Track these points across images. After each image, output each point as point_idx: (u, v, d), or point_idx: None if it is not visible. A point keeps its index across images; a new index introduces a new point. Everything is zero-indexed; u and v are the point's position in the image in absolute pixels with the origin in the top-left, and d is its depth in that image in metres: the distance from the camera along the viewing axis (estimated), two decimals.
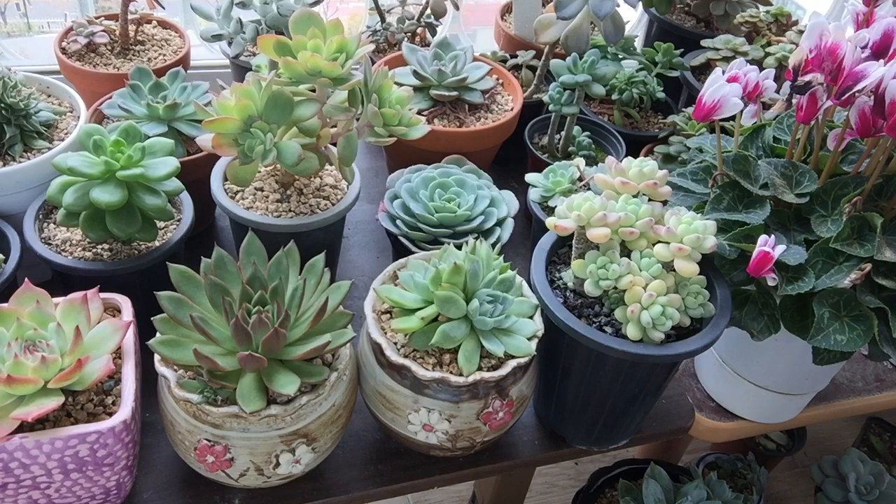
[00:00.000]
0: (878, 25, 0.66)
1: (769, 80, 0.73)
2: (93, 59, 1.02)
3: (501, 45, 1.26)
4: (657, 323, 0.64)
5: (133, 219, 0.73)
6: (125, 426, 0.59)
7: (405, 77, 1.00)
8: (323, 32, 0.72)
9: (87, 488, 0.61)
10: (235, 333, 0.59)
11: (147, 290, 0.63)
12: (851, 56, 0.64)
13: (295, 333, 0.63)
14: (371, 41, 1.16)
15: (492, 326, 0.65)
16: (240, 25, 1.06)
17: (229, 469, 0.64)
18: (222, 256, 0.64)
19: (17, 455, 0.57)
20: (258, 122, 0.71)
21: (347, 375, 0.67)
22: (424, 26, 1.20)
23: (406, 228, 0.82)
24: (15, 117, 0.81)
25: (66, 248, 0.75)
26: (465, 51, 1.04)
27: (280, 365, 0.62)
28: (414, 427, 0.68)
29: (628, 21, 1.15)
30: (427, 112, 1.00)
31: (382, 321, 0.68)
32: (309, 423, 0.63)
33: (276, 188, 0.82)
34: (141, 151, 0.72)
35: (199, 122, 0.83)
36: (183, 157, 0.83)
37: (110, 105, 0.87)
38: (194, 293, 0.63)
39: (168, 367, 0.62)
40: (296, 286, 0.64)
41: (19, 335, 0.59)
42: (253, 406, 0.60)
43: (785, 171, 0.72)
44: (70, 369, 0.57)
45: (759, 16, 1.24)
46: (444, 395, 0.65)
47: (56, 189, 0.72)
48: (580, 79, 0.98)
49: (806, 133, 0.73)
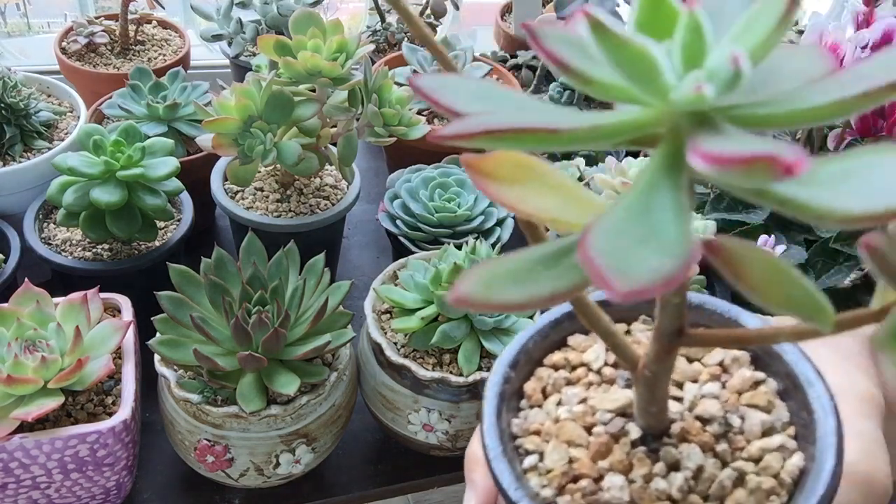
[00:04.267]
0: (878, 25, 0.66)
1: None
2: (93, 59, 1.02)
3: (501, 45, 1.26)
4: None
5: (133, 219, 0.73)
6: (125, 426, 0.59)
7: (405, 77, 1.00)
8: (323, 32, 0.72)
9: (87, 488, 0.61)
10: (235, 333, 0.59)
11: (147, 290, 0.63)
12: (851, 56, 0.64)
13: (295, 333, 0.63)
14: (371, 41, 1.16)
15: (492, 326, 0.65)
16: (240, 25, 1.06)
17: (229, 469, 0.64)
18: (222, 256, 0.64)
19: (17, 455, 0.57)
20: (258, 122, 0.71)
21: (347, 375, 0.67)
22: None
23: (406, 228, 0.82)
24: (15, 117, 0.81)
25: (66, 248, 0.75)
26: (465, 51, 1.04)
27: (280, 365, 0.62)
28: (414, 427, 0.68)
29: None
30: (427, 112, 1.00)
31: (382, 321, 0.68)
32: (309, 423, 0.63)
33: (276, 188, 0.82)
34: (141, 151, 0.72)
35: (199, 122, 0.83)
36: (183, 157, 0.83)
37: (110, 105, 0.87)
38: (194, 293, 0.63)
39: (168, 367, 0.62)
40: (296, 286, 0.64)
41: (19, 335, 0.59)
42: (253, 406, 0.60)
43: None
44: (70, 369, 0.57)
45: None
46: (444, 395, 0.65)
47: (56, 189, 0.72)
48: None
49: (806, 133, 0.73)
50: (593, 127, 0.20)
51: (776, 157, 0.17)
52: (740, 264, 0.21)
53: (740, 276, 0.21)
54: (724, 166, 0.18)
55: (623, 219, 0.20)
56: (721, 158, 0.18)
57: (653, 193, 0.20)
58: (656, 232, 0.19)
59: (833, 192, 0.19)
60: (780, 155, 0.17)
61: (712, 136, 0.20)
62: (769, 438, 0.31)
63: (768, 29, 0.20)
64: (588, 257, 0.18)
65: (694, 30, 0.20)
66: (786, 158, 0.17)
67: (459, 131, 0.19)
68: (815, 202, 0.19)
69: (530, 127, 0.19)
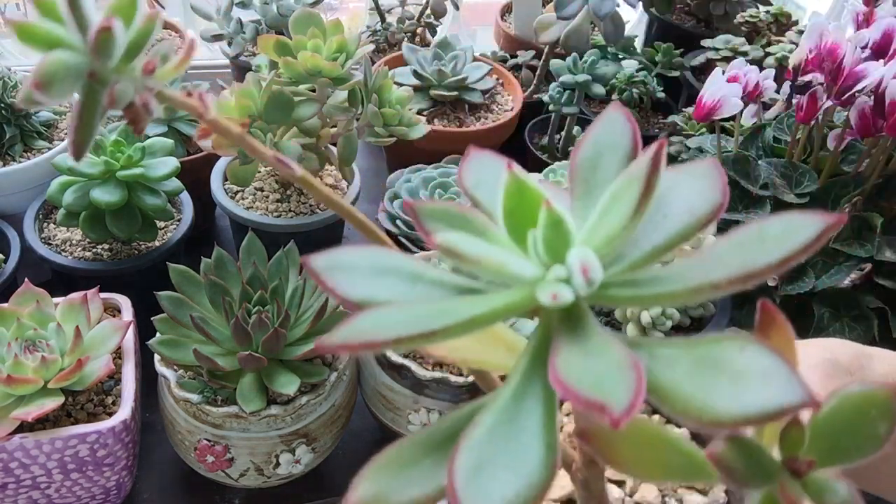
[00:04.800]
0: (878, 25, 0.66)
1: (769, 80, 0.73)
2: None
3: (501, 45, 1.26)
4: (657, 323, 0.64)
5: (133, 219, 0.73)
6: (125, 426, 0.59)
7: (405, 77, 1.00)
8: (323, 32, 0.72)
9: (87, 488, 0.61)
10: (235, 333, 0.59)
11: (147, 290, 0.63)
12: (851, 56, 0.64)
13: (295, 333, 0.63)
14: (371, 41, 1.16)
15: None
16: (240, 25, 1.06)
17: (229, 469, 0.64)
18: (222, 256, 0.64)
19: (17, 455, 0.57)
20: (258, 122, 0.71)
21: (347, 375, 0.67)
22: (424, 26, 1.20)
23: (406, 228, 0.82)
24: (15, 117, 0.81)
25: (66, 248, 0.75)
26: (465, 51, 1.04)
27: (280, 365, 0.62)
28: (414, 427, 0.68)
29: (628, 21, 1.15)
30: (427, 112, 1.00)
31: None
32: (309, 423, 0.63)
33: (276, 188, 0.82)
34: (141, 151, 0.72)
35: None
36: (183, 157, 0.83)
37: None
38: (194, 293, 0.63)
39: (168, 367, 0.62)
40: (296, 286, 0.64)
41: (19, 335, 0.59)
42: (253, 406, 0.60)
43: (785, 171, 0.72)
44: (70, 369, 0.57)
45: (759, 16, 1.24)
46: (444, 395, 0.65)
47: (56, 189, 0.72)
48: (580, 79, 0.98)
49: (806, 133, 0.73)
50: (469, 319, 0.21)
51: (605, 408, 0.18)
52: (610, 447, 0.22)
53: (610, 460, 0.22)
54: (573, 402, 0.19)
55: (489, 433, 0.21)
56: (570, 393, 0.19)
57: (523, 398, 0.22)
58: (520, 450, 0.20)
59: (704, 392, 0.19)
60: (608, 406, 0.18)
61: (572, 336, 0.21)
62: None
63: (623, 219, 0.22)
64: (451, 480, 0.19)
65: (553, 225, 0.22)
66: (613, 412, 0.18)
67: (343, 342, 0.20)
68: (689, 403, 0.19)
69: (406, 336, 0.20)
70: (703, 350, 0.20)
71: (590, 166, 0.25)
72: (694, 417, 0.19)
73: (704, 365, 0.20)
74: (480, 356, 0.27)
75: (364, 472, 0.22)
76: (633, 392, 0.18)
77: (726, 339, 0.20)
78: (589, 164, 0.25)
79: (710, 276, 0.20)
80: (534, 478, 0.19)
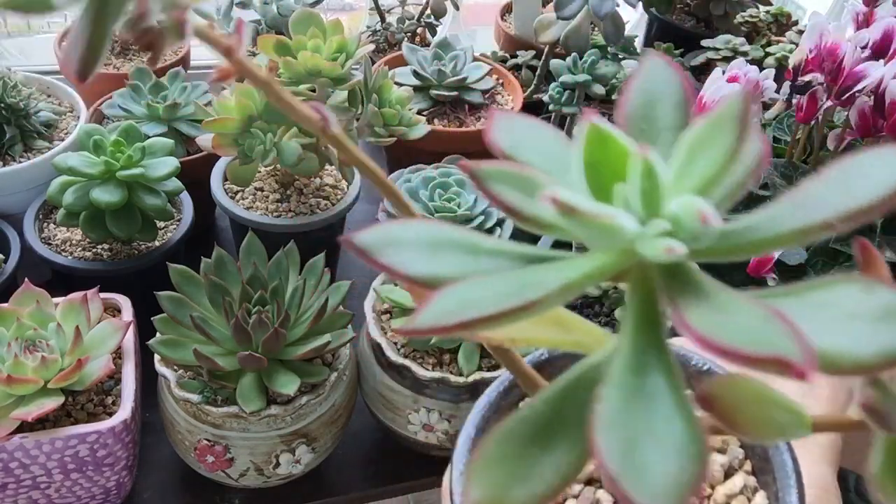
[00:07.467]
0: (878, 25, 0.66)
1: (769, 80, 0.73)
2: None
3: (501, 45, 1.26)
4: None
5: (133, 219, 0.73)
6: (125, 426, 0.59)
7: (405, 77, 1.00)
8: (323, 32, 0.72)
9: (87, 488, 0.61)
10: (235, 333, 0.59)
11: (147, 290, 0.63)
12: (851, 56, 0.64)
13: (295, 333, 0.63)
14: (371, 41, 1.16)
15: None
16: None
17: (229, 469, 0.64)
18: (222, 256, 0.64)
19: (17, 455, 0.57)
20: (258, 122, 0.71)
21: (347, 375, 0.67)
22: (424, 26, 1.20)
23: None
24: (15, 117, 0.81)
25: (66, 248, 0.75)
26: (465, 51, 1.04)
27: (280, 365, 0.62)
28: (414, 427, 0.68)
29: (628, 21, 1.15)
30: (427, 112, 1.00)
31: (382, 321, 0.68)
32: (309, 423, 0.63)
33: (276, 188, 0.82)
34: (141, 151, 0.72)
35: (199, 122, 0.83)
36: (183, 157, 0.83)
37: (110, 105, 0.87)
38: (194, 293, 0.63)
39: (168, 367, 0.62)
40: (296, 286, 0.64)
41: (19, 335, 0.59)
42: (253, 406, 0.60)
43: (785, 172, 0.72)
44: (70, 369, 0.57)
45: (759, 16, 1.24)
46: (444, 395, 0.65)
47: (56, 189, 0.72)
48: (580, 79, 0.98)
49: (806, 133, 0.73)
50: (563, 286, 0.19)
51: (785, 361, 0.17)
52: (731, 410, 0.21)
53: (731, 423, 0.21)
54: (732, 361, 0.17)
55: (623, 411, 0.19)
56: (727, 352, 0.17)
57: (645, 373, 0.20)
58: (661, 427, 0.19)
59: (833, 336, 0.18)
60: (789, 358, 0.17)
61: (688, 295, 0.20)
62: (731, 481, 0.31)
63: (717, 166, 0.20)
64: (604, 464, 0.18)
65: (649, 176, 0.20)
66: (796, 364, 0.16)
67: (434, 325, 0.19)
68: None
69: (503, 311, 0.19)
70: (823, 295, 0.19)
71: (643, 116, 0.23)
72: (834, 364, 0.18)
73: (829, 309, 0.19)
74: (530, 333, 0.25)
75: (470, 473, 0.20)
76: (799, 343, 0.17)
77: (846, 281, 0.19)
78: (641, 115, 0.23)
79: (815, 215, 0.19)
80: (687, 451, 0.18)
